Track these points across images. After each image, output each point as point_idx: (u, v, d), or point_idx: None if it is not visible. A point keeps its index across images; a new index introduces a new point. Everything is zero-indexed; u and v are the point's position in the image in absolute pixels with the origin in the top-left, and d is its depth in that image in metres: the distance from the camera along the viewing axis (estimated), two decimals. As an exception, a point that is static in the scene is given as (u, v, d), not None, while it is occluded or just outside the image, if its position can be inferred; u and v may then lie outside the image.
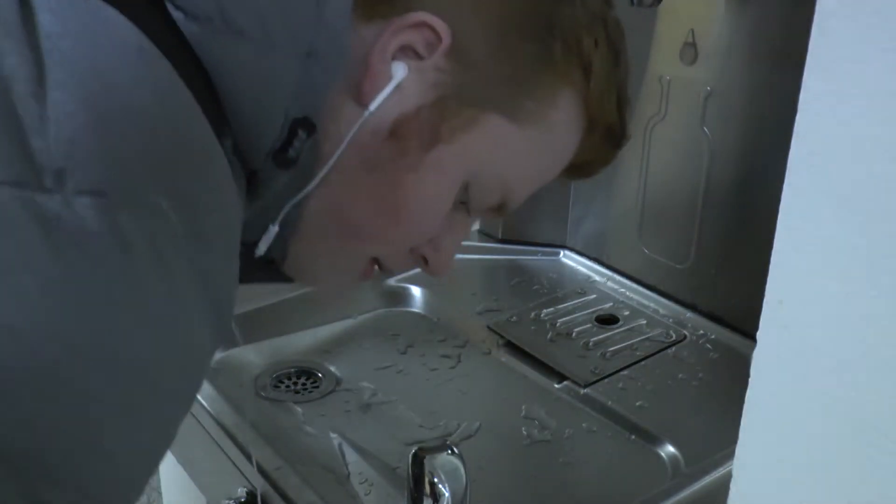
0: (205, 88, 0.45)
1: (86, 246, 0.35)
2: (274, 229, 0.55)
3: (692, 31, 0.92)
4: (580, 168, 0.63)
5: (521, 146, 0.57)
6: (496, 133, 0.55)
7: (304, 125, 0.49)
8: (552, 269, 1.12)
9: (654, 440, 0.80)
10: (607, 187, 1.08)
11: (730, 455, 0.42)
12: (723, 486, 0.43)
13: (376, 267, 0.62)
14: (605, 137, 0.61)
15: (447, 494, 0.58)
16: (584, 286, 1.07)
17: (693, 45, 0.92)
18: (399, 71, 0.52)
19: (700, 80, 0.92)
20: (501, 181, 0.58)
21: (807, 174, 0.35)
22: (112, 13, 0.39)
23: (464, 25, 0.53)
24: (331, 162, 0.52)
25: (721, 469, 0.73)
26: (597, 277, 1.09)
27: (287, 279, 0.62)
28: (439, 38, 0.53)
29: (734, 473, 0.42)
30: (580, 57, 0.57)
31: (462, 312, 1.01)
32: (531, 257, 1.14)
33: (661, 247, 1.02)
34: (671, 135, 0.98)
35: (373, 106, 0.52)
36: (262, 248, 0.56)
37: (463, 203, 0.58)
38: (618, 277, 1.08)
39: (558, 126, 0.58)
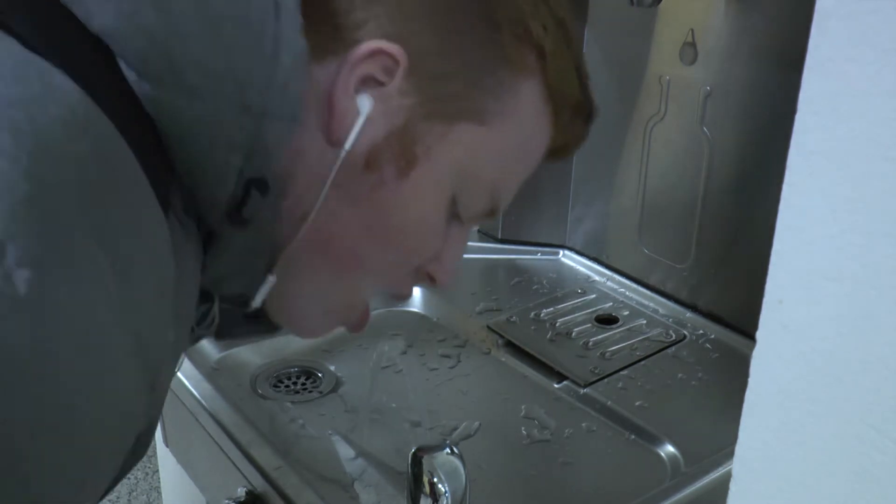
0: (154, 147, 0.45)
1: (21, 321, 0.35)
2: (271, 279, 0.55)
3: (692, 31, 0.92)
4: (558, 150, 0.63)
5: (497, 146, 0.57)
6: (469, 140, 0.55)
7: (259, 185, 0.48)
8: (552, 268, 1.12)
9: (654, 440, 0.80)
10: (607, 187, 1.08)
11: (730, 455, 0.42)
12: (723, 486, 0.43)
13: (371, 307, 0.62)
14: (574, 116, 0.61)
15: (447, 494, 0.58)
16: (583, 286, 1.07)
17: (693, 45, 0.92)
18: (365, 104, 0.52)
19: (700, 80, 0.92)
20: (486, 184, 0.58)
21: (807, 174, 0.35)
22: (61, 81, 0.39)
23: (415, 43, 0.53)
24: (317, 205, 0.52)
25: (721, 469, 0.73)
26: (596, 277, 1.09)
27: (268, 329, 0.61)
28: (396, 62, 0.52)
29: (734, 473, 0.42)
30: (531, 45, 0.56)
31: (462, 312, 1.01)
32: (531, 257, 1.14)
33: (661, 247, 1.02)
34: (671, 135, 0.98)
35: (348, 144, 0.52)
36: (258, 300, 0.56)
37: (455, 215, 0.58)
38: (617, 277, 1.08)
39: (527, 118, 0.58)
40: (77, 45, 0.43)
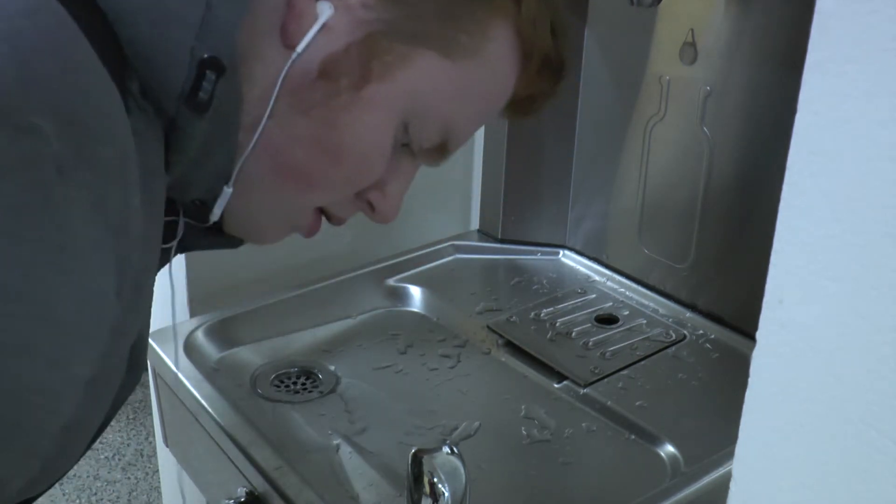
0: (104, 30, 0.44)
1: None
2: (228, 191, 0.54)
3: (692, 30, 0.92)
4: (523, 104, 0.62)
5: (456, 81, 0.56)
6: (429, 69, 0.55)
7: (213, 66, 0.47)
8: (552, 268, 1.12)
9: (654, 440, 0.80)
10: (607, 187, 1.08)
11: (730, 455, 0.42)
12: (723, 486, 0.43)
13: (323, 219, 0.61)
14: (542, 69, 0.60)
15: (447, 494, 0.58)
16: (583, 286, 1.07)
17: (693, 44, 0.92)
18: (325, 10, 0.52)
19: (700, 79, 0.92)
20: (440, 118, 0.57)
21: (807, 174, 0.35)
22: None
23: None
24: (268, 108, 0.51)
25: (721, 469, 0.73)
26: (596, 277, 1.09)
27: (233, 243, 0.61)
28: None
29: (734, 473, 0.42)
30: None
31: (462, 312, 1.01)
32: (531, 257, 1.14)
33: (660, 247, 1.02)
34: (671, 134, 0.98)
35: (300, 47, 0.51)
36: (216, 213, 0.55)
37: (406, 145, 0.57)
38: (617, 277, 1.08)
39: (493, 58, 0.57)
40: None
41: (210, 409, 0.80)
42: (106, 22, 0.44)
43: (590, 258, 1.12)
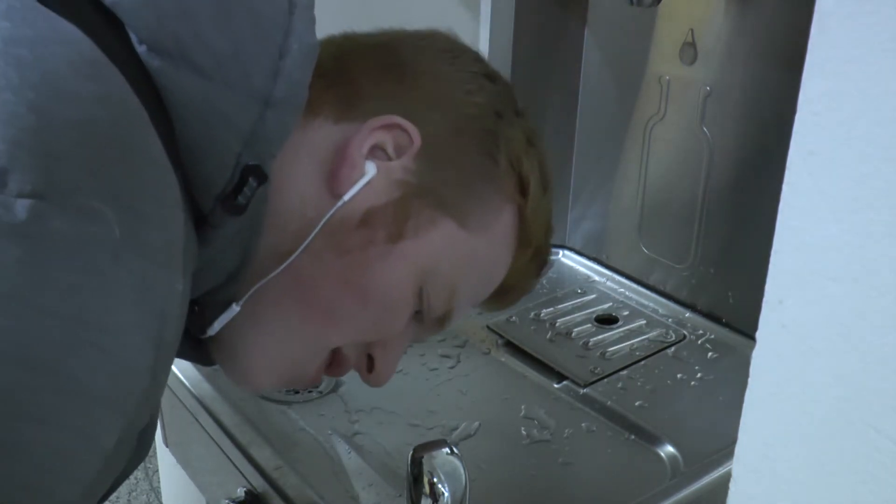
0: (161, 120, 0.46)
1: (18, 247, 0.35)
2: (236, 309, 0.55)
3: (692, 31, 0.92)
4: (504, 293, 0.65)
5: (469, 252, 0.59)
6: (449, 237, 0.57)
7: (256, 173, 0.49)
8: (552, 269, 1.12)
9: (654, 440, 0.80)
10: (607, 187, 1.08)
11: (729, 455, 0.42)
12: (722, 486, 0.43)
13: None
14: (532, 259, 0.64)
15: (446, 494, 0.58)
16: (583, 286, 1.07)
17: (693, 45, 0.92)
18: (370, 169, 0.54)
19: (700, 80, 0.92)
20: (450, 286, 0.59)
21: (806, 174, 0.35)
22: (70, 28, 0.40)
23: (430, 131, 0.56)
24: (304, 244, 0.53)
25: (721, 469, 0.73)
26: (596, 277, 1.09)
27: (205, 361, 0.60)
28: (411, 141, 0.55)
29: (734, 473, 0.42)
30: (520, 175, 0.60)
31: (462, 312, 1.01)
32: (531, 257, 1.14)
33: (660, 247, 1.02)
34: (671, 135, 0.98)
35: (346, 196, 0.54)
36: (216, 327, 0.56)
37: (417, 312, 0.59)
38: (617, 277, 1.08)
39: (499, 238, 0.60)
40: (90, 13, 0.43)
41: (210, 409, 0.80)
42: (164, 111, 0.46)
43: (589, 258, 1.12)
